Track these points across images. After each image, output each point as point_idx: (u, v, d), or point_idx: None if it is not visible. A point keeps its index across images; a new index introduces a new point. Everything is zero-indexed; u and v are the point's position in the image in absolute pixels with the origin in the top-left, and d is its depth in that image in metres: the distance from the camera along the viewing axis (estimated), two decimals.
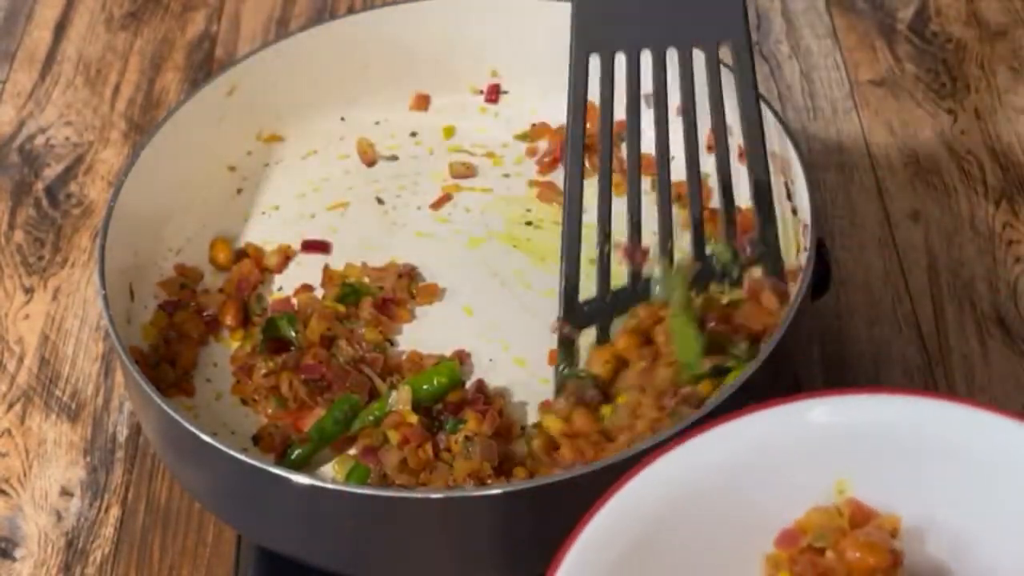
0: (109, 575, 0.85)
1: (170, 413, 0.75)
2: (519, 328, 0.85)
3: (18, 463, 0.91)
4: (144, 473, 0.90)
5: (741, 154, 0.90)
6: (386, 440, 0.79)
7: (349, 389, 0.82)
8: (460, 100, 1.00)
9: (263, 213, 0.95)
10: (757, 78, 0.81)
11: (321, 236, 0.93)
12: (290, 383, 0.83)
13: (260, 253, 0.91)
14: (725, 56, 0.82)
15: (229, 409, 0.84)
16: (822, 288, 0.85)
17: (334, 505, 0.72)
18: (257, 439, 0.82)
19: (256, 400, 0.84)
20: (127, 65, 1.18)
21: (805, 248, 0.81)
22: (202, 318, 0.88)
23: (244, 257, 0.91)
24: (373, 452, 0.79)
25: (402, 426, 0.79)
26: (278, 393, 0.83)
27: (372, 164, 0.97)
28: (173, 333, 0.87)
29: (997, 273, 0.96)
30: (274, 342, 0.85)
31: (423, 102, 1.00)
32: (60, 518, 0.88)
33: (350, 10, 1.22)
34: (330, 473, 0.80)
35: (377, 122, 0.99)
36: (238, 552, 0.85)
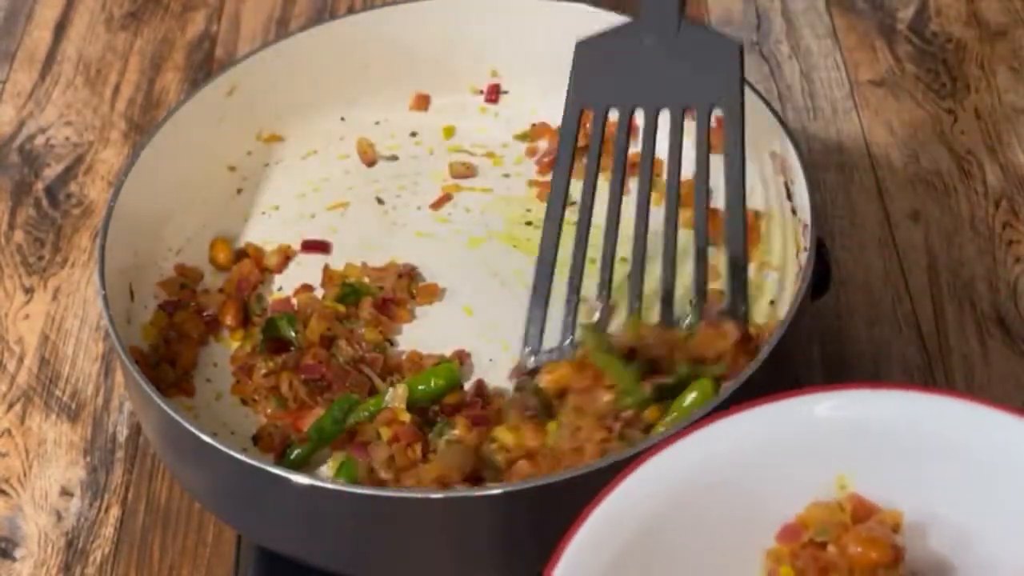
0: (109, 575, 0.85)
1: (170, 413, 0.75)
2: (519, 328, 0.85)
3: (18, 463, 0.91)
4: (144, 473, 0.90)
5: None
6: (377, 436, 0.79)
7: (349, 389, 0.82)
8: (460, 100, 1.00)
9: (263, 213, 0.95)
10: (744, 149, 0.80)
11: (321, 236, 0.93)
12: (290, 383, 0.83)
13: (260, 253, 0.92)
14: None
15: (229, 409, 0.84)
16: (822, 288, 0.85)
17: (334, 505, 0.72)
18: (257, 439, 0.82)
19: (256, 400, 0.84)
20: (127, 65, 1.18)
21: (805, 248, 0.81)
22: (202, 318, 0.88)
23: (244, 257, 0.91)
24: (364, 447, 0.79)
25: (394, 424, 0.79)
26: (278, 393, 0.83)
27: (372, 164, 0.97)
28: (173, 333, 0.87)
29: (997, 273, 0.96)
30: (274, 342, 0.85)
31: (423, 102, 1.00)
32: (60, 518, 0.88)
33: (350, 10, 1.22)
34: (328, 472, 0.80)
35: (377, 122, 0.99)
36: (238, 552, 0.85)
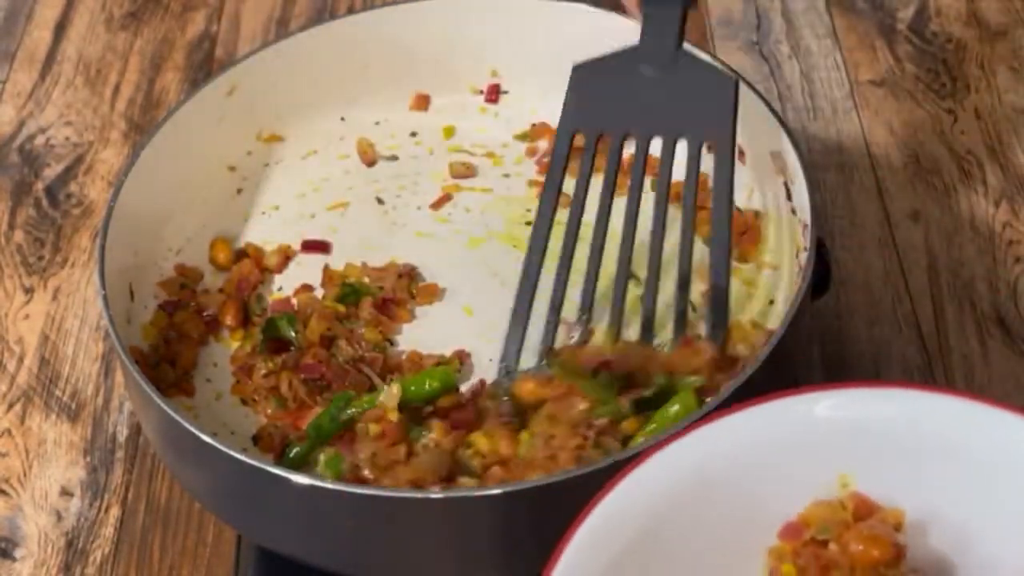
0: (109, 575, 0.85)
1: (170, 413, 0.75)
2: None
3: (18, 463, 0.91)
4: (144, 473, 0.90)
5: (742, 154, 0.91)
6: (366, 432, 0.79)
7: (348, 388, 0.82)
8: (460, 100, 1.00)
9: (263, 213, 0.95)
10: (734, 184, 0.79)
11: (321, 236, 0.93)
12: (289, 383, 0.83)
13: (260, 253, 0.92)
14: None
15: (229, 409, 0.84)
16: (822, 288, 0.85)
17: (334, 505, 0.72)
18: (257, 439, 0.82)
19: (256, 400, 0.84)
20: (127, 65, 1.18)
21: (805, 248, 0.81)
22: (202, 318, 0.88)
23: (244, 257, 0.91)
24: (351, 443, 0.79)
25: (381, 421, 0.79)
26: (278, 393, 0.83)
27: (372, 164, 0.97)
28: (173, 333, 0.87)
29: (997, 273, 0.96)
30: (274, 342, 0.85)
31: (423, 102, 1.00)
32: (60, 518, 0.88)
33: (350, 10, 1.22)
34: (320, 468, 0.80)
35: (377, 122, 0.99)
36: (238, 552, 0.85)
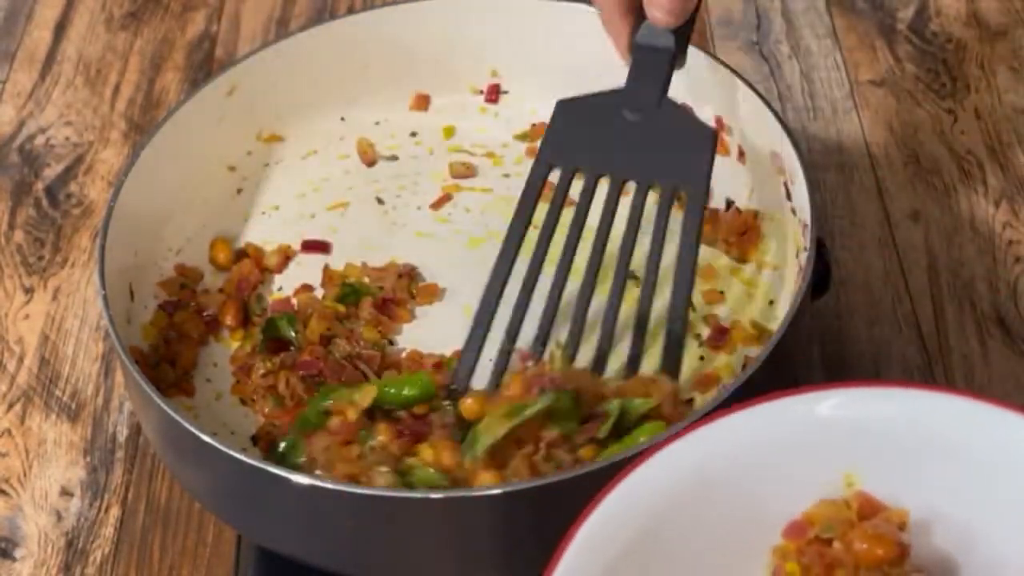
0: (109, 575, 0.85)
1: (170, 413, 0.75)
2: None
3: (18, 463, 0.91)
4: (144, 473, 0.90)
5: (742, 154, 0.91)
6: (327, 426, 0.79)
7: (344, 384, 0.81)
8: (460, 100, 1.00)
9: (263, 213, 0.95)
10: (701, 232, 0.79)
11: (321, 236, 0.93)
12: (287, 381, 0.82)
13: (260, 253, 0.91)
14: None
15: (229, 409, 0.84)
16: (822, 288, 0.85)
17: (334, 505, 0.72)
18: (256, 439, 0.82)
19: (254, 400, 0.83)
20: (127, 65, 1.18)
21: (805, 248, 0.81)
22: (202, 318, 0.88)
23: (244, 257, 0.91)
24: (313, 433, 0.79)
25: (341, 416, 0.79)
26: (275, 392, 0.82)
27: (372, 164, 0.97)
28: (173, 333, 0.87)
29: (997, 273, 0.96)
30: (274, 342, 0.85)
31: (423, 102, 1.00)
32: (60, 518, 0.88)
33: (350, 10, 1.22)
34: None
35: (377, 122, 0.99)
36: (238, 552, 0.85)
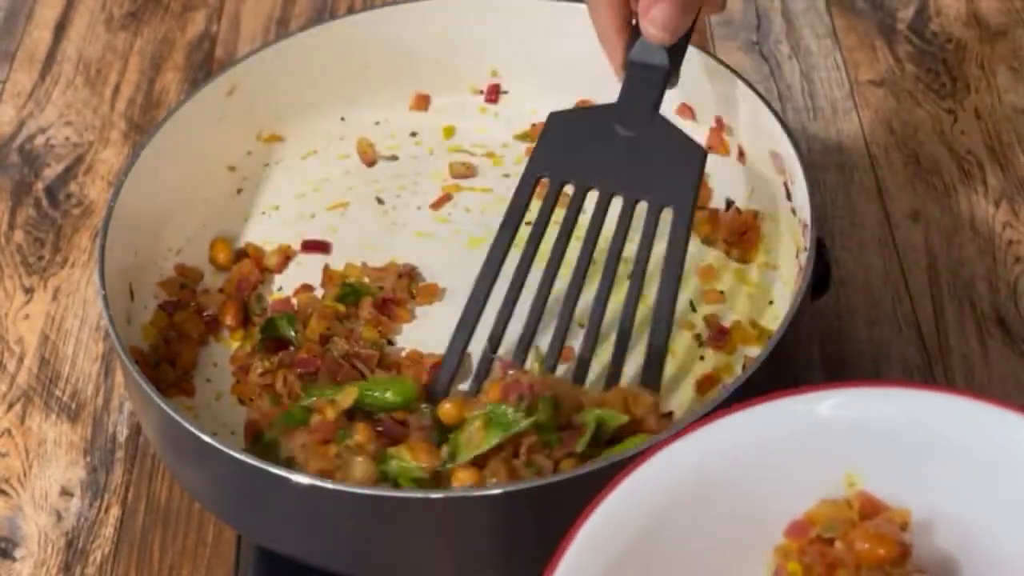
0: (109, 575, 0.85)
1: (170, 413, 0.75)
2: (518, 329, 0.85)
3: (18, 463, 0.91)
4: (144, 473, 0.90)
5: (742, 154, 0.91)
6: (307, 423, 0.79)
7: (340, 382, 0.81)
8: (460, 100, 1.00)
9: (263, 213, 0.95)
10: (686, 249, 0.79)
11: (321, 236, 0.93)
12: (284, 379, 0.82)
13: (260, 253, 0.92)
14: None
15: (229, 409, 0.84)
16: (822, 288, 0.85)
17: (334, 505, 0.72)
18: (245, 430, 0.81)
19: (252, 400, 0.83)
20: (127, 65, 1.18)
21: (805, 248, 0.81)
22: (202, 318, 0.88)
23: (244, 257, 0.91)
24: (293, 430, 0.79)
25: (320, 415, 0.79)
26: (272, 390, 0.82)
27: (372, 164, 0.97)
28: (173, 333, 0.87)
29: (997, 273, 0.96)
30: (273, 342, 0.85)
31: (423, 102, 1.00)
32: (60, 518, 0.88)
33: (350, 10, 1.22)
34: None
35: (377, 122, 0.99)
36: (238, 552, 0.85)
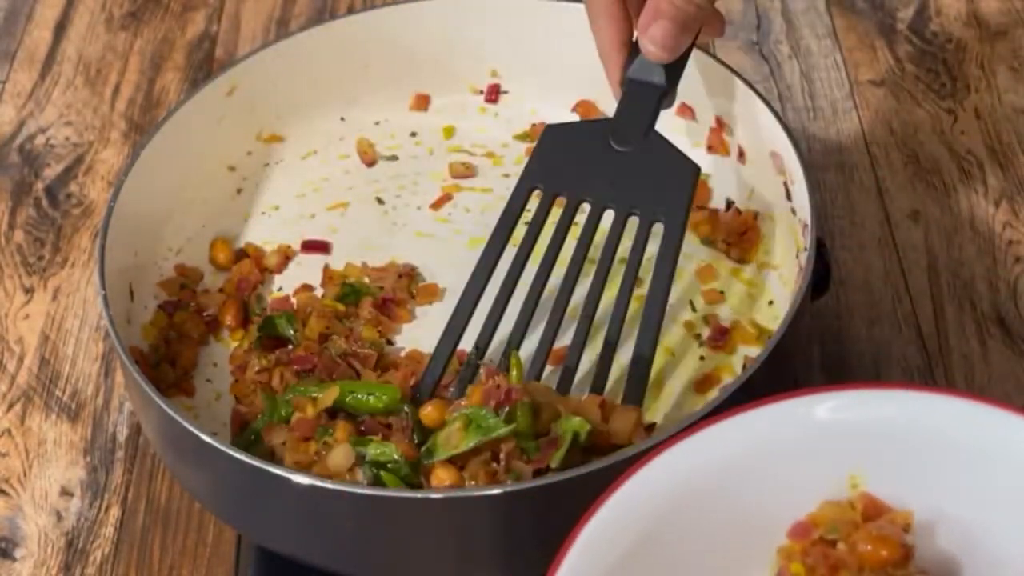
0: (109, 575, 0.85)
1: (170, 413, 0.75)
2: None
3: (18, 463, 0.91)
4: (144, 473, 0.90)
5: (742, 154, 0.91)
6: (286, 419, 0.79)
7: (335, 380, 0.81)
8: (460, 100, 1.00)
9: (263, 213, 0.95)
10: (676, 264, 0.79)
11: (321, 236, 0.93)
12: (281, 376, 0.82)
13: (260, 253, 0.92)
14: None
15: (229, 409, 0.84)
16: (822, 288, 0.85)
17: (334, 505, 0.72)
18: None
19: (247, 396, 0.83)
20: (127, 65, 1.18)
21: (805, 248, 0.81)
22: (202, 318, 0.88)
23: (244, 257, 0.91)
24: (274, 426, 0.79)
25: (299, 412, 0.79)
26: (269, 388, 0.82)
27: (372, 164, 0.97)
28: (173, 333, 0.87)
29: (997, 273, 0.96)
30: (271, 340, 0.85)
31: (423, 102, 1.00)
32: (60, 518, 0.88)
33: (350, 10, 1.22)
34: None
35: (377, 122, 0.99)
36: (238, 552, 0.85)
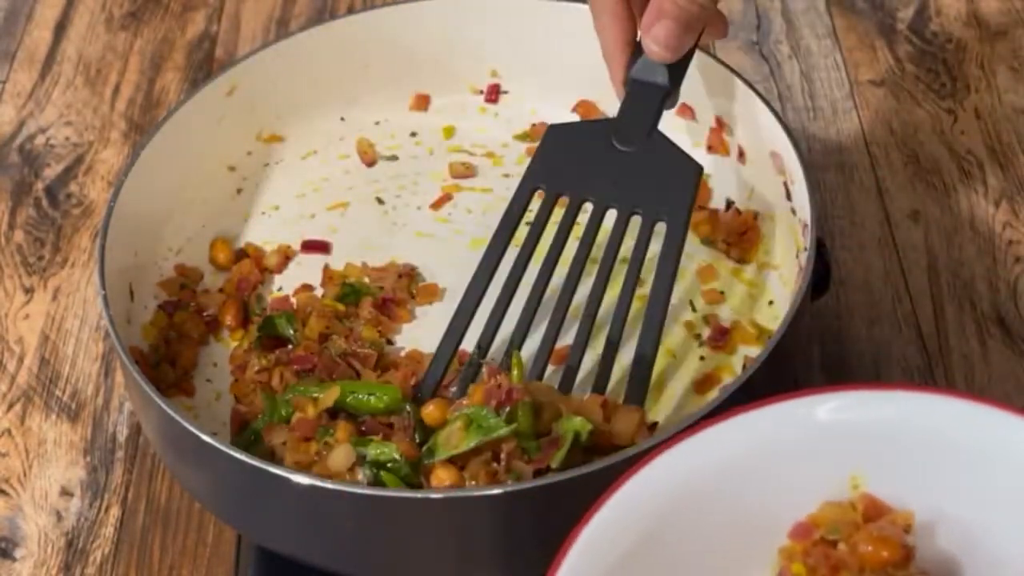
0: (109, 575, 0.85)
1: (170, 413, 0.75)
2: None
3: (18, 463, 0.91)
4: (144, 473, 0.90)
5: (742, 154, 0.91)
6: (287, 419, 0.79)
7: (334, 379, 0.81)
8: (460, 100, 1.00)
9: (263, 213, 0.95)
10: (678, 264, 0.79)
11: (321, 236, 0.93)
12: (281, 375, 0.82)
13: (260, 253, 0.92)
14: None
15: (229, 409, 0.84)
16: (822, 288, 0.85)
17: (334, 505, 0.72)
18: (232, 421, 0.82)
19: (246, 395, 0.83)
20: (127, 65, 1.18)
21: (805, 248, 0.81)
22: (202, 318, 0.88)
23: (244, 257, 0.91)
24: (274, 426, 0.79)
25: (299, 412, 0.79)
26: (268, 388, 0.82)
27: (372, 164, 0.97)
28: (173, 333, 0.87)
29: (997, 273, 0.96)
30: (271, 340, 0.85)
31: (423, 102, 1.00)
32: (60, 518, 0.88)
33: (350, 10, 1.22)
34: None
35: (377, 122, 0.99)
36: (238, 552, 0.85)
